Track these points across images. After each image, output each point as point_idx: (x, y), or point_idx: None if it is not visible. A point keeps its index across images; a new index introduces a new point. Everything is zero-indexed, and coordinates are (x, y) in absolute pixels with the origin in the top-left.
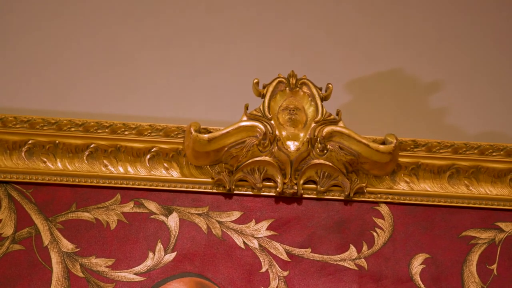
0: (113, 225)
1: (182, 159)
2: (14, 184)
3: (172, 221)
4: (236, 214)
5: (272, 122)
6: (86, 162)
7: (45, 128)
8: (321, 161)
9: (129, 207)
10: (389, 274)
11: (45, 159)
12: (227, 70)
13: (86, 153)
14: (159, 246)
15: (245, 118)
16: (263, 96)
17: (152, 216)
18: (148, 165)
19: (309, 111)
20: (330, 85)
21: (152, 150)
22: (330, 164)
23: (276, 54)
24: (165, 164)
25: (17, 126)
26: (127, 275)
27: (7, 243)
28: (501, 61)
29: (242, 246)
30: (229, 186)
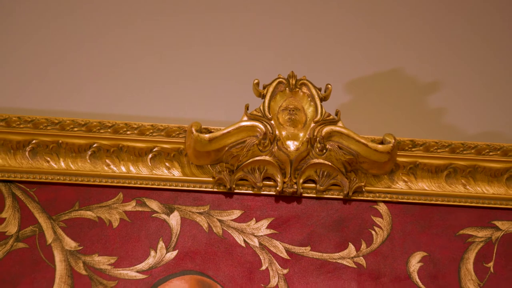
0: (116, 224)
1: (184, 159)
2: (18, 183)
3: (174, 220)
4: (237, 213)
5: (272, 122)
6: (89, 162)
7: (49, 128)
8: (321, 161)
9: (131, 206)
10: (387, 272)
11: (49, 159)
12: (228, 71)
13: (89, 153)
14: (161, 244)
15: (246, 118)
16: (263, 97)
17: (154, 215)
18: (150, 165)
19: (309, 111)
20: (329, 86)
21: (154, 150)
22: (329, 164)
23: (276, 55)
24: (167, 164)
25: (21, 126)
26: (129, 273)
27: (11, 241)
28: (498, 63)
29: (243, 245)
30: (230, 185)
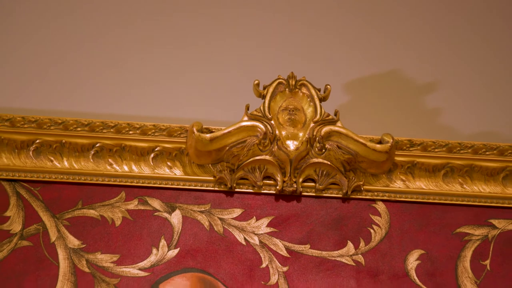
0: (118, 222)
1: (185, 158)
2: (22, 182)
3: (175, 218)
4: (237, 212)
5: (272, 122)
6: (92, 161)
7: (52, 128)
8: (320, 160)
9: (134, 205)
10: (386, 270)
11: (52, 158)
12: (229, 72)
13: (92, 152)
14: (163, 243)
15: (246, 118)
16: (264, 97)
17: (156, 213)
18: (152, 164)
19: (308, 112)
20: (329, 86)
21: (156, 149)
22: (329, 163)
23: (276, 56)
24: (169, 163)
25: (25, 126)
26: (132, 271)
27: (16, 239)
28: (495, 64)
29: (243, 243)
30: (231, 184)
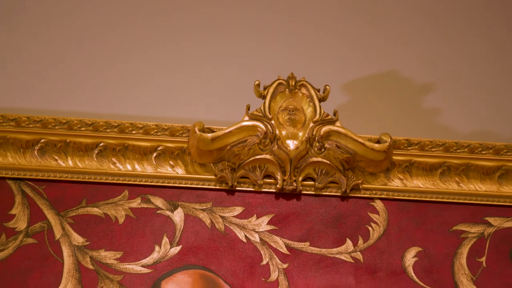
0: (121, 220)
1: (187, 157)
2: (27, 181)
3: (177, 216)
4: (238, 210)
5: (273, 122)
6: (96, 160)
7: (57, 128)
8: (319, 159)
9: (137, 203)
10: (384, 267)
11: (57, 157)
12: (230, 72)
13: (96, 151)
14: (165, 240)
15: (247, 118)
16: (264, 97)
17: (158, 211)
18: (155, 163)
19: (308, 112)
20: (328, 87)
21: (158, 149)
22: (328, 162)
23: (276, 56)
24: (171, 162)
25: (30, 126)
26: (135, 267)
27: (21, 237)
28: (492, 65)
29: (244, 240)
30: (232, 183)
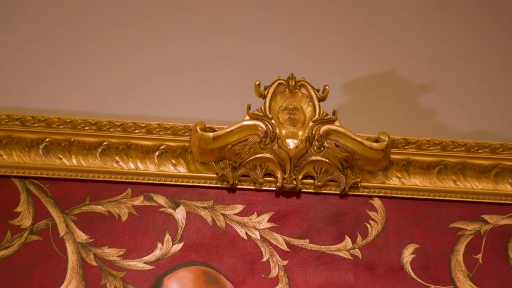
0: (124, 218)
1: (189, 156)
2: (32, 179)
3: (179, 214)
4: (239, 207)
5: (273, 121)
6: (99, 159)
7: (61, 127)
8: (319, 158)
9: (139, 201)
10: (382, 263)
11: (61, 156)
12: (230, 73)
13: (99, 150)
14: (167, 237)
15: (248, 118)
16: (264, 97)
17: (161, 209)
18: (157, 162)
19: (307, 111)
20: (327, 87)
21: (161, 148)
22: (327, 161)
23: (276, 56)
24: (173, 161)
25: (35, 125)
26: (137, 264)
27: (26, 234)
28: (488, 66)
29: (245, 237)
30: (233, 181)
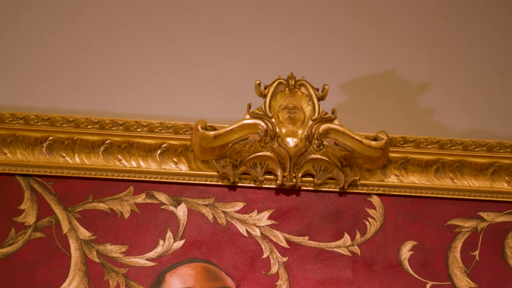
0: (127, 215)
1: (190, 154)
2: (36, 177)
3: (181, 211)
4: (240, 205)
5: (273, 120)
6: (102, 157)
7: (64, 126)
8: (318, 156)
9: (141, 198)
10: (380, 260)
11: (64, 154)
12: (231, 72)
13: (102, 149)
14: (169, 234)
15: (248, 117)
16: (265, 96)
17: (163, 207)
18: (159, 160)
19: (307, 110)
20: (326, 86)
21: (163, 146)
22: (326, 159)
23: (276, 56)
24: (174, 159)
25: (39, 124)
26: (140, 261)
27: (30, 231)
28: (485, 65)
29: (245, 234)
30: (233, 179)
